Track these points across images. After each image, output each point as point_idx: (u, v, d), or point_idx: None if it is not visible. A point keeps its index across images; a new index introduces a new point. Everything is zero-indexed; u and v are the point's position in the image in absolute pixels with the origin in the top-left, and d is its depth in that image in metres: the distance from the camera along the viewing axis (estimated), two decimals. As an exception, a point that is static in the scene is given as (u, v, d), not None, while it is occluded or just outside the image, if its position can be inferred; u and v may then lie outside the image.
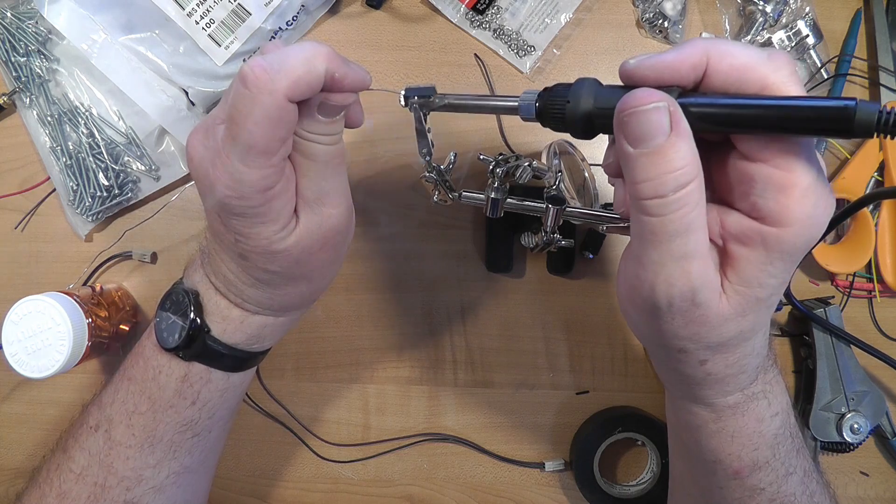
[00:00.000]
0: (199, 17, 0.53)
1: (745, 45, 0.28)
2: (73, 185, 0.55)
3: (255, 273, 0.36)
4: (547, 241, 0.48)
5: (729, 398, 0.34)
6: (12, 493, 0.58)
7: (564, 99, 0.30)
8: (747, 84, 0.27)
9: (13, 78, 0.55)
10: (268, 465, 0.58)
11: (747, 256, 0.28)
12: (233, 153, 0.31)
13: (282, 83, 0.29)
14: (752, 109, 0.26)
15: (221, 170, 0.32)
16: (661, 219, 0.26)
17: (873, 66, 0.56)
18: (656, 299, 0.29)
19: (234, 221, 0.33)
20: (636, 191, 0.27)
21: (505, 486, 0.58)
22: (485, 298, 0.58)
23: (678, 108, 0.26)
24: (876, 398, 0.54)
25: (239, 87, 0.30)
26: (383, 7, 0.57)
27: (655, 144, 0.26)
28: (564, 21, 0.57)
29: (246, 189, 0.31)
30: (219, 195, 0.32)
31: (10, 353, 0.48)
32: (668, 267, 0.28)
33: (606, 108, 0.29)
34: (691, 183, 0.26)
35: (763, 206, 0.27)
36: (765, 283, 0.29)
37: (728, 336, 0.30)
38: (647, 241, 0.28)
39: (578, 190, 0.56)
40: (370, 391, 0.58)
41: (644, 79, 0.28)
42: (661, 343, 0.32)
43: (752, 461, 0.35)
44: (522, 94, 0.33)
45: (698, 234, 0.27)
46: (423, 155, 0.43)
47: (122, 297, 0.56)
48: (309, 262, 0.36)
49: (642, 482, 0.57)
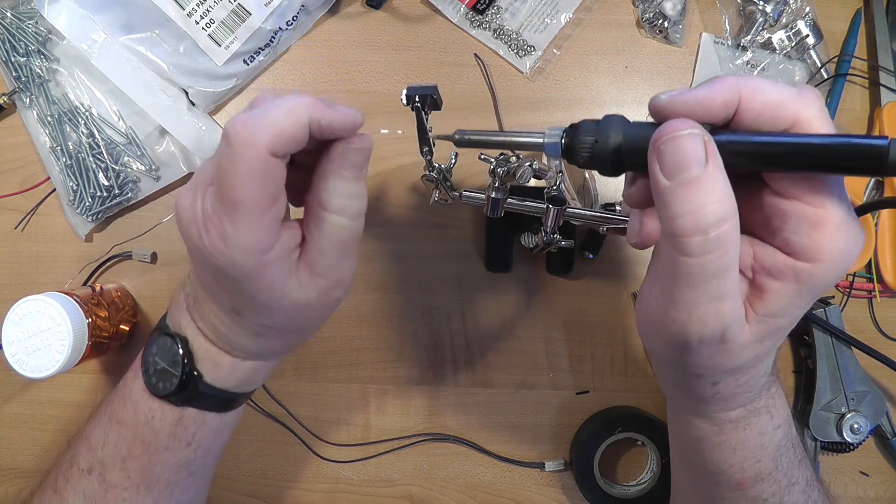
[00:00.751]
0: (199, 17, 0.53)
1: (775, 82, 0.28)
2: (73, 185, 0.55)
3: (249, 326, 0.35)
4: (547, 241, 0.48)
5: (732, 413, 0.34)
6: (12, 492, 0.58)
7: (593, 137, 0.30)
8: (779, 121, 0.27)
9: (13, 78, 0.55)
10: (268, 465, 0.58)
11: (777, 290, 0.28)
12: (222, 215, 0.30)
13: (263, 137, 0.29)
14: (786, 147, 0.26)
15: (213, 233, 0.31)
16: (700, 259, 0.26)
17: (873, 66, 0.56)
18: (687, 338, 0.28)
19: (229, 284, 0.33)
20: (674, 227, 0.26)
21: (505, 486, 0.58)
22: (485, 298, 0.58)
23: (711, 140, 0.26)
24: (876, 398, 0.54)
25: (223, 146, 0.30)
26: (383, 7, 0.57)
27: (692, 175, 0.25)
28: (564, 21, 0.57)
29: (238, 254, 0.30)
30: (211, 259, 0.31)
31: (10, 353, 0.48)
32: (703, 308, 0.27)
33: (636, 144, 0.28)
34: (730, 221, 0.25)
35: (796, 242, 0.27)
36: (789, 314, 0.29)
37: (744, 361, 0.30)
38: (681, 281, 0.27)
39: (578, 190, 0.56)
40: (370, 391, 0.58)
41: (675, 115, 0.28)
42: (680, 369, 0.32)
43: (754, 473, 0.35)
44: (548, 130, 0.32)
45: (733, 273, 0.27)
46: (425, 154, 0.43)
47: (122, 297, 0.56)
48: (304, 319, 0.36)
49: (642, 482, 0.57)
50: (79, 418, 0.58)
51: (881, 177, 0.25)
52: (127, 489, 0.39)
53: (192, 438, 0.39)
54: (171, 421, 0.38)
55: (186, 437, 0.39)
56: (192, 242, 0.32)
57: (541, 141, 0.32)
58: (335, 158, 0.32)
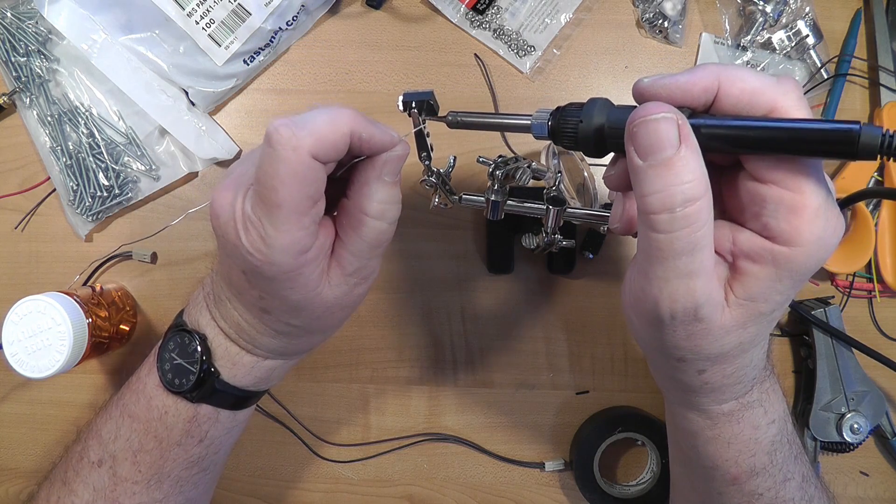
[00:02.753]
0: (199, 17, 0.53)
1: (755, 71, 0.29)
2: (73, 185, 0.55)
3: (275, 325, 0.36)
4: (548, 241, 0.48)
5: (724, 406, 0.34)
6: (12, 492, 0.58)
7: (577, 118, 0.30)
8: (757, 107, 0.28)
9: (13, 78, 0.55)
10: (268, 465, 0.58)
11: (756, 273, 0.29)
12: (263, 216, 0.31)
13: (306, 140, 0.29)
14: (761, 131, 0.27)
15: (253, 233, 0.31)
16: (669, 236, 0.27)
17: (873, 66, 0.56)
18: (659, 312, 0.29)
19: (263, 283, 0.33)
20: (644, 204, 0.27)
21: (505, 486, 0.58)
22: (484, 298, 0.58)
23: (686, 123, 0.27)
24: (876, 398, 0.54)
25: (265, 148, 0.30)
26: (383, 7, 0.57)
27: (664, 156, 0.26)
28: (564, 21, 0.57)
29: (277, 254, 0.31)
30: (249, 259, 0.32)
31: (10, 353, 0.48)
32: (673, 283, 0.28)
33: (618, 125, 0.29)
34: (700, 200, 0.26)
35: (775, 227, 0.28)
36: (770, 299, 0.29)
37: (728, 347, 0.30)
38: (653, 257, 0.28)
39: (578, 190, 0.56)
40: (370, 391, 0.58)
41: (656, 97, 0.29)
42: (662, 352, 0.32)
43: (749, 467, 0.36)
44: (535, 112, 0.33)
45: (704, 252, 0.27)
46: (423, 159, 0.43)
47: (122, 297, 0.56)
48: (330, 318, 0.37)
49: (642, 482, 0.57)
50: (79, 418, 0.58)
51: (852, 160, 0.25)
52: (137, 483, 0.39)
53: (205, 435, 0.40)
54: (185, 417, 0.39)
55: (199, 434, 0.39)
56: (228, 242, 0.33)
57: (528, 122, 0.33)
58: (378, 165, 0.33)
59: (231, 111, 0.58)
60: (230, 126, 0.57)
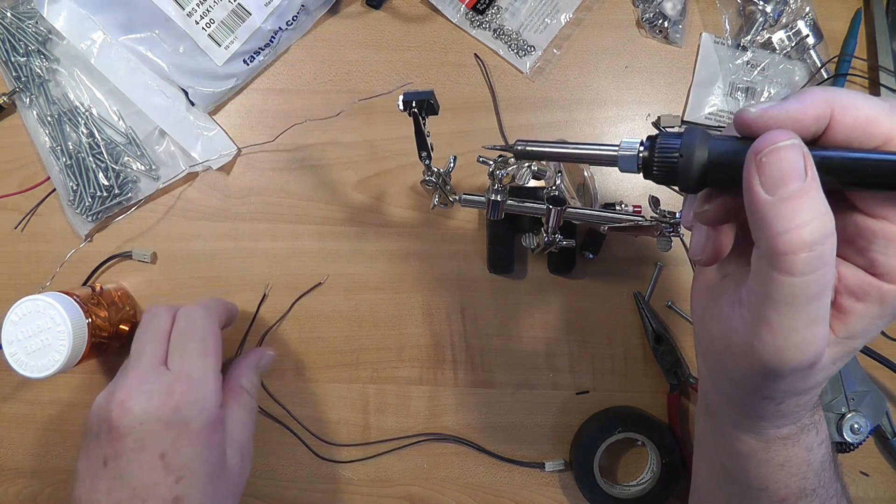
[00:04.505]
0: (199, 17, 0.53)
1: (867, 96, 0.26)
2: (73, 185, 0.55)
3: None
4: (549, 241, 0.48)
5: (783, 430, 0.33)
6: (12, 492, 0.58)
7: (675, 152, 0.28)
8: (871, 138, 0.26)
9: (13, 78, 0.55)
10: (268, 465, 0.58)
11: (860, 312, 0.27)
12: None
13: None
14: (883, 166, 0.25)
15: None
16: (805, 279, 0.24)
17: (873, 66, 0.56)
18: (781, 364, 0.27)
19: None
20: (777, 244, 0.24)
21: (505, 486, 0.58)
22: (485, 298, 0.58)
23: (809, 153, 0.25)
24: (876, 398, 0.54)
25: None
26: (383, 7, 0.57)
27: (794, 188, 0.24)
28: (564, 21, 0.57)
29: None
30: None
31: (10, 353, 0.48)
32: (801, 333, 0.26)
33: (723, 159, 0.27)
34: (831, 237, 0.24)
35: (885, 264, 0.27)
36: (867, 336, 0.28)
37: (816, 383, 0.29)
38: (780, 303, 0.25)
39: (578, 190, 0.56)
40: (370, 391, 0.58)
41: (765, 130, 0.26)
42: (747, 390, 0.30)
43: (798, 489, 0.35)
44: (622, 142, 0.30)
45: (829, 296, 0.25)
46: (423, 159, 0.43)
47: (122, 297, 0.56)
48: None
49: (642, 482, 0.57)
50: (79, 418, 0.58)
51: None
52: None
53: None
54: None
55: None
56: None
57: (614, 154, 0.30)
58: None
59: (231, 111, 0.58)
60: (230, 126, 0.57)
